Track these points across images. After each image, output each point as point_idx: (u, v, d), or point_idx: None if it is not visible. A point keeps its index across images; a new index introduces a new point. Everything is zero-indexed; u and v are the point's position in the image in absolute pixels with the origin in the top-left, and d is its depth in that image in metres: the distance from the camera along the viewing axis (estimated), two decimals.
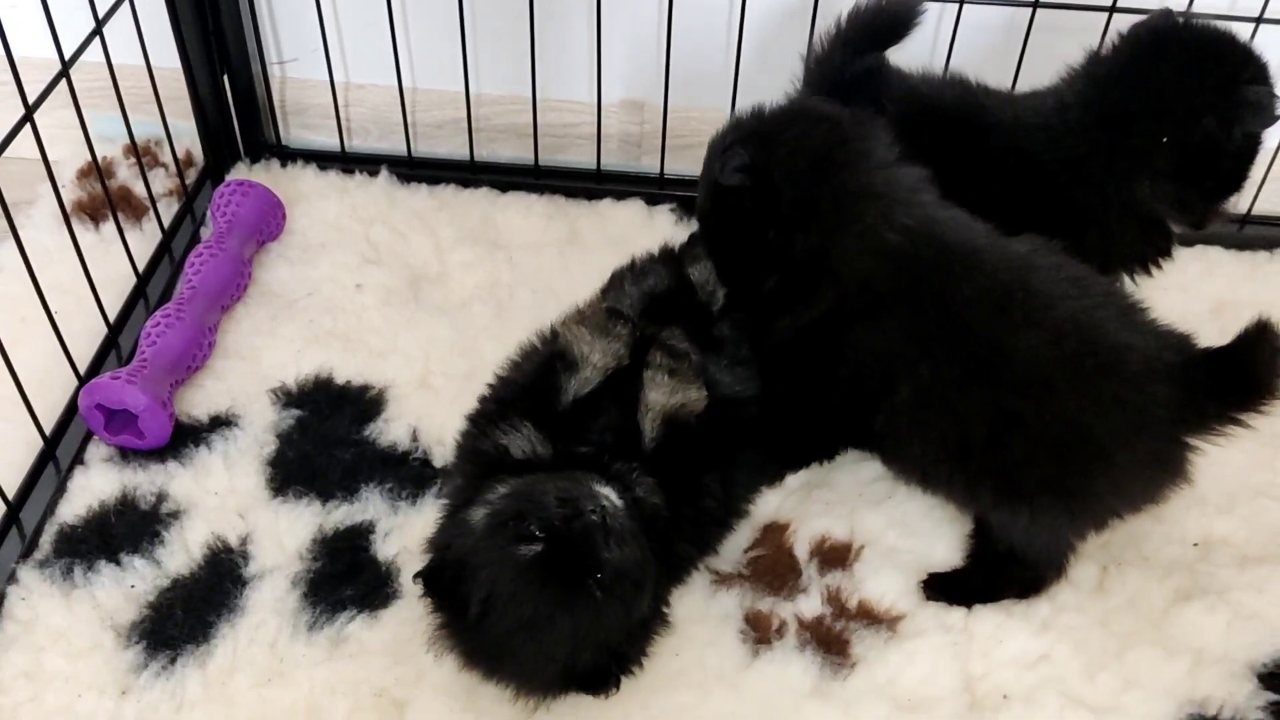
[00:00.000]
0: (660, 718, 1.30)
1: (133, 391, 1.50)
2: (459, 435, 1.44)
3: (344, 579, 1.41)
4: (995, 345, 1.26)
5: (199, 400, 1.62)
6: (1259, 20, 1.70)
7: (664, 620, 1.35)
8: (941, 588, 1.43)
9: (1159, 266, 1.55)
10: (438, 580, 1.24)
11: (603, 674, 1.26)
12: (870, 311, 1.31)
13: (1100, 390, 1.22)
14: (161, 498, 1.49)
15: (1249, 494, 1.54)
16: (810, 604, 1.41)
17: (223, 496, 1.50)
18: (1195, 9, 1.70)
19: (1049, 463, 1.27)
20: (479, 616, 1.20)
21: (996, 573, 1.41)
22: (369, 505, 1.50)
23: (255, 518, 1.48)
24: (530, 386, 1.39)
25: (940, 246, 1.29)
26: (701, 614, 1.40)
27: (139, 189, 1.90)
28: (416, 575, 1.25)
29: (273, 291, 1.80)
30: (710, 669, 1.35)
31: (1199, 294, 1.84)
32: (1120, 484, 1.28)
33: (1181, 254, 1.83)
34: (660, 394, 1.38)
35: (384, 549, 1.45)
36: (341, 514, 1.49)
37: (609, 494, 1.24)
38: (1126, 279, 1.55)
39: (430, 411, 1.61)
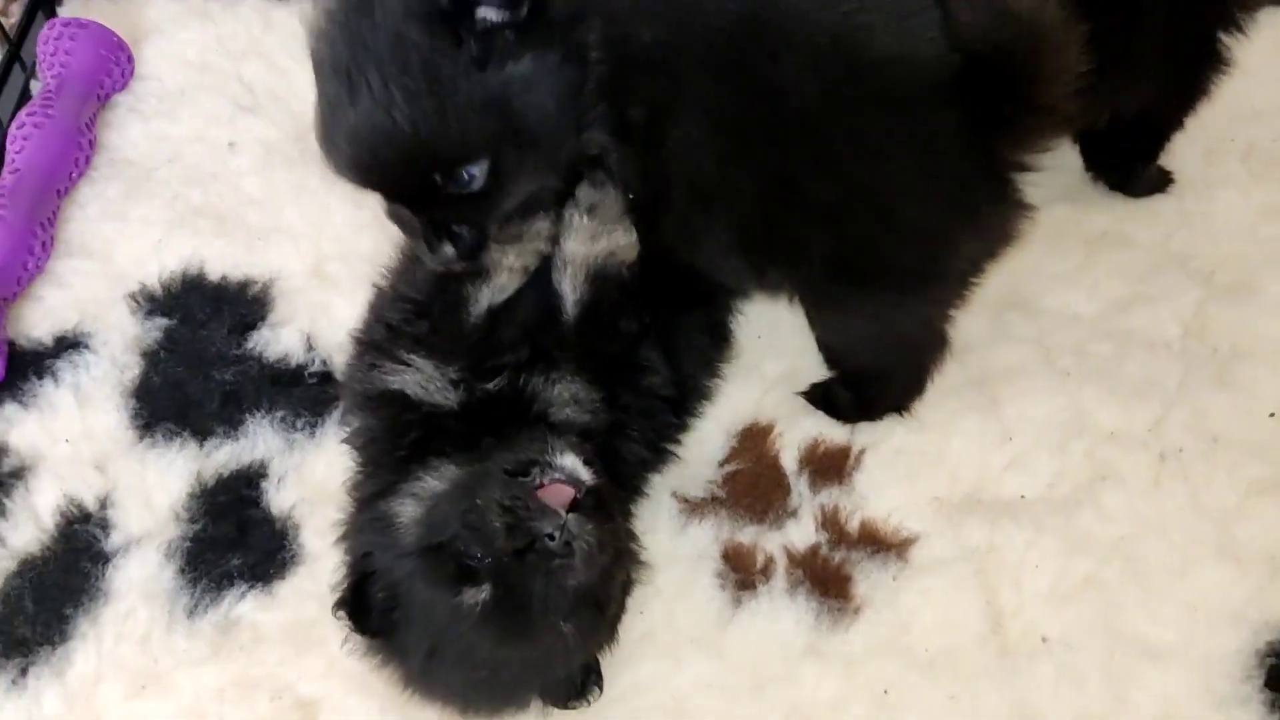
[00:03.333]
0: (626, 698, 1.08)
1: None
2: (345, 367, 1.17)
3: (230, 544, 1.18)
4: (749, 86, 0.91)
5: (39, 317, 1.33)
6: None
7: (638, 563, 1.10)
8: (821, 398, 1.23)
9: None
10: (362, 609, 0.98)
11: (580, 685, 1.04)
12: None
13: (868, 127, 0.91)
14: (1, 452, 1.23)
15: None
16: (802, 531, 1.18)
17: (76, 444, 1.24)
18: None
19: (827, 235, 0.96)
20: (424, 665, 0.97)
21: (859, 389, 1.20)
22: (257, 441, 1.24)
23: (117, 470, 1.22)
24: (425, 303, 1.08)
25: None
26: (669, 554, 1.16)
27: None
28: (337, 605, 0.99)
29: (124, 159, 1.47)
30: (683, 629, 1.12)
31: (1269, 75, 1.48)
32: (914, 247, 0.97)
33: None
34: (580, 242, 1.06)
35: (278, 499, 1.21)
36: (224, 455, 1.23)
37: (571, 465, 0.98)
38: None
39: (327, 308, 1.33)
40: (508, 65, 0.86)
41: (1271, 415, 1.21)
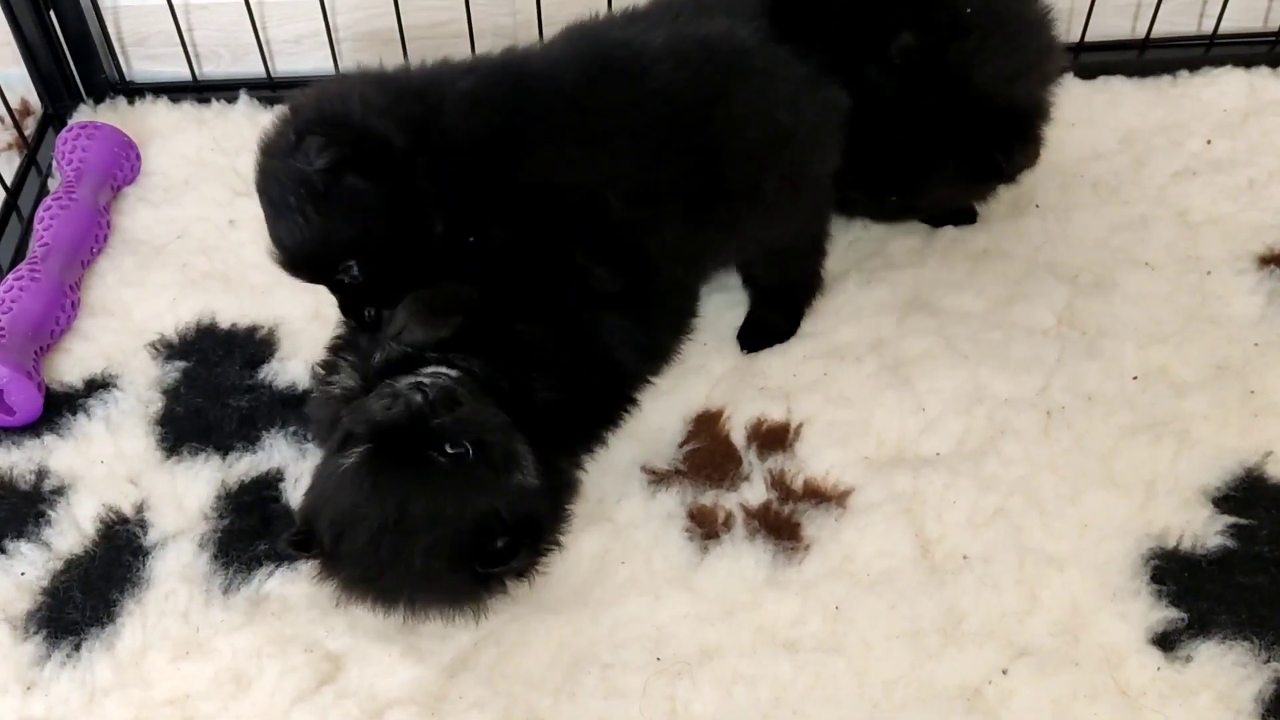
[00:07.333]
0: (615, 631, 1.23)
1: None
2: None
3: (256, 534, 1.31)
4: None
5: (69, 365, 1.49)
6: None
7: (572, 481, 1.28)
8: (752, 339, 1.50)
9: None
10: (298, 538, 1.17)
11: (510, 547, 1.13)
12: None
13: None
14: (42, 474, 1.37)
15: (1180, 319, 1.51)
16: (755, 491, 1.35)
17: (110, 464, 1.38)
18: None
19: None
20: (334, 545, 1.14)
21: (782, 298, 1.52)
22: (274, 452, 1.39)
23: (149, 482, 1.36)
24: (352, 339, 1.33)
25: None
26: (642, 517, 1.32)
27: None
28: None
29: (137, 239, 1.66)
30: (659, 573, 1.28)
31: (1106, 126, 1.79)
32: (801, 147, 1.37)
33: (1084, 87, 1.81)
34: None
35: (295, 495, 1.34)
36: (245, 465, 1.38)
37: (437, 370, 1.18)
38: None
39: None
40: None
41: (1135, 379, 1.45)
